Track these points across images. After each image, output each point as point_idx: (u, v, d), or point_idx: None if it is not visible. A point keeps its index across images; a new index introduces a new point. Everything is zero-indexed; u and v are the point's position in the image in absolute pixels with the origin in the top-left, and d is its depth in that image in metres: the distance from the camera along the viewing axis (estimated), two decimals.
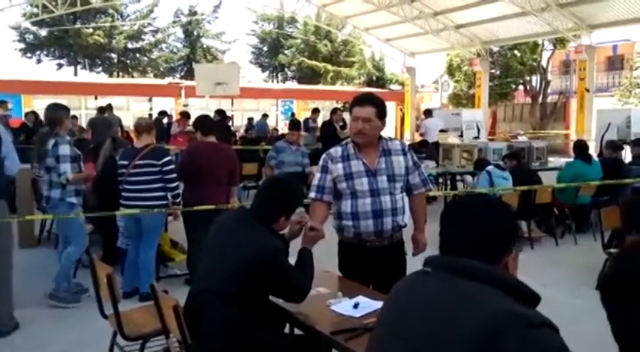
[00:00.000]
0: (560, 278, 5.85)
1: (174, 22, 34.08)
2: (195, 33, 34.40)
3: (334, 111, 11.80)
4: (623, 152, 9.04)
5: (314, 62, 32.58)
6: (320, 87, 28.98)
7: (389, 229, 3.14)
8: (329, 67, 32.46)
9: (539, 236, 7.50)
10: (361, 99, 3.16)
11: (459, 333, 1.26)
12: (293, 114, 20.68)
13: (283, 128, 17.23)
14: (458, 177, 10.41)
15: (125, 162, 4.85)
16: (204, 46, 34.99)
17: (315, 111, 15.59)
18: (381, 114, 3.15)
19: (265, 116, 18.94)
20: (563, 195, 7.68)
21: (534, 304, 1.38)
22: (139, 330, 2.98)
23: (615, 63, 27.71)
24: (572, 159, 8.30)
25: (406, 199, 3.34)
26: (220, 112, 11.86)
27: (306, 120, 14.64)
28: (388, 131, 24.90)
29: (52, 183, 4.59)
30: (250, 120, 18.77)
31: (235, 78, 16.92)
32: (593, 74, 18.14)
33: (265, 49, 36.22)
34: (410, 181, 3.28)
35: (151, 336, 2.93)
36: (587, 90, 17.38)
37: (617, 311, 1.27)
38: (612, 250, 5.53)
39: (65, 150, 4.51)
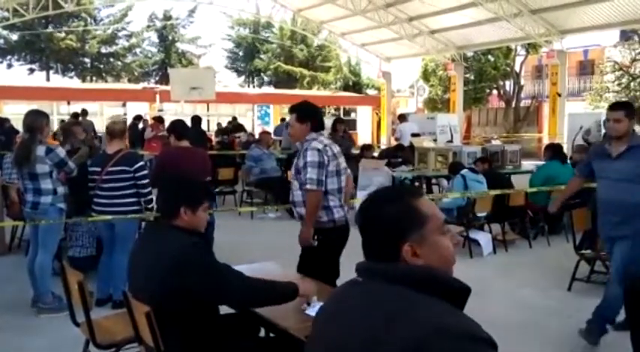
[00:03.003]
0: (533, 279, 5.93)
1: (148, 26, 33.80)
2: (170, 37, 34.16)
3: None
4: None
5: (290, 67, 32.61)
6: (296, 91, 28.97)
7: (297, 217, 3.92)
8: (305, 71, 32.51)
9: (513, 238, 7.60)
10: (289, 108, 3.90)
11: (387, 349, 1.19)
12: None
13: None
14: (433, 181, 10.51)
15: (97, 169, 4.79)
16: (179, 50, 34.77)
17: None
18: (301, 118, 3.73)
19: (283, 120, 17.61)
20: (536, 198, 7.79)
21: (464, 297, 1.33)
22: (111, 338, 2.93)
23: (586, 67, 28.30)
24: (543, 162, 8.42)
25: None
26: (195, 119, 11.78)
27: (283, 120, 14.43)
28: (365, 136, 25.03)
29: (40, 189, 4.54)
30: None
31: (211, 82, 16.85)
32: (564, 79, 18.47)
33: (241, 53, 36.14)
34: (301, 179, 3.74)
35: (123, 344, 2.89)
36: (559, 95, 17.69)
37: None
38: (584, 251, 5.63)
39: (62, 152, 4.66)
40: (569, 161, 8.69)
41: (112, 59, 32.72)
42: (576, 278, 5.52)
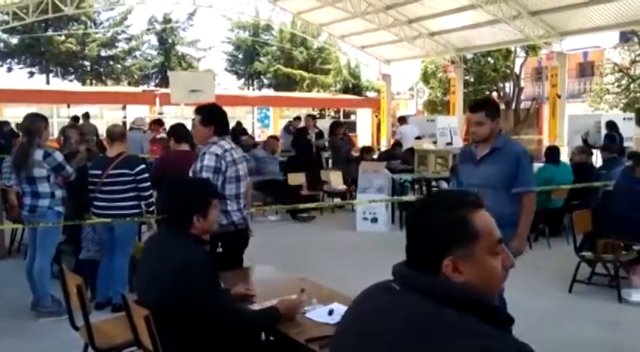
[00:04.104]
0: (534, 281, 5.90)
1: (148, 29, 33.82)
2: (170, 40, 34.17)
3: (308, 117, 11.81)
4: (593, 156, 9.21)
5: (290, 69, 32.61)
6: (296, 94, 28.99)
7: None
8: (305, 74, 32.52)
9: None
10: (195, 109, 3.97)
11: None
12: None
13: (260, 136, 17.16)
14: (433, 183, 10.50)
15: (97, 172, 4.79)
16: (179, 53, 34.78)
17: (297, 118, 15.56)
18: (205, 121, 3.80)
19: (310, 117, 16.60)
20: (537, 200, 7.77)
21: (506, 326, 1.26)
22: (110, 341, 2.92)
23: (586, 69, 28.32)
24: (542, 165, 8.43)
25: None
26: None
27: (287, 127, 14.44)
28: (365, 138, 25.02)
29: (38, 192, 4.55)
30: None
31: (210, 85, 16.83)
32: (564, 80, 18.46)
33: (241, 56, 36.15)
34: None
35: (122, 347, 2.88)
36: (559, 97, 17.68)
37: None
38: (584, 253, 5.62)
39: (60, 156, 4.65)
40: (568, 163, 8.70)
41: (111, 62, 32.72)
42: (577, 280, 5.51)
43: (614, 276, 5.37)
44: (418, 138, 13.09)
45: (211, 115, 3.84)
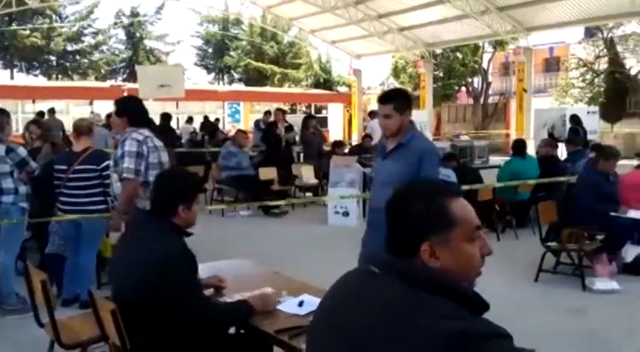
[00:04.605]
0: (501, 271, 6.00)
1: (115, 23, 33.28)
2: (138, 34, 33.68)
3: (275, 112, 11.74)
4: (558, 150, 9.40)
5: (260, 64, 32.47)
6: (267, 89, 28.88)
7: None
8: (276, 68, 32.41)
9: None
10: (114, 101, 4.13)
11: None
12: None
13: (230, 130, 17.05)
14: None
15: (63, 167, 4.70)
16: (147, 47, 34.33)
17: (268, 113, 15.51)
18: (119, 112, 3.93)
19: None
20: (504, 192, 7.92)
21: (482, 311, 1.28)
22: (76, 337, 2.88)
23: (552, 64, 28.86)
24: (509, 158, 8.59)
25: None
26: (164, 116, 11.66)
27: (258, 122, 14.43)
28: (336, 133, 25.07)
29: (1, 189, 4.47)
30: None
31: (180, 80, 16.61)
32: (531, 75, 18.79)
33: (210, 50, 35.85)
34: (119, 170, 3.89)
35: (89, 343, 2.84)
36: (525, 91, 17.99)
37: None
38: (550, 244, 5.75)
39: (23, 151, 4.59)
40: (535, 156, 8.87)
41: (78, 57, 32.12)
42: (543, 270, 5.63)
43: (578, 265, 5.50)
44: None
45: (124, 107, 3.90)
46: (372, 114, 14.68)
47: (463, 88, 28.48)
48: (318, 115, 25.28)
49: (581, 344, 4.14)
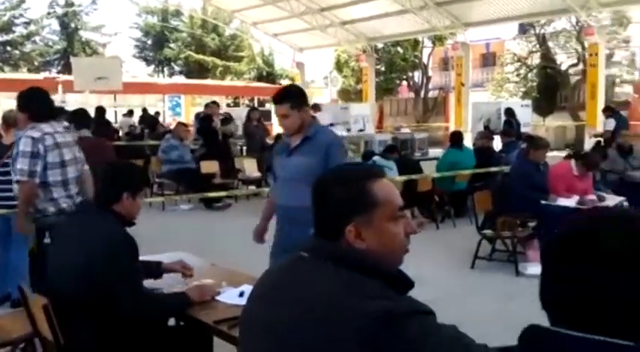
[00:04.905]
0: (440, 259, 6.20)
1: (48, 13, 32.00)
2: (73, 25, 32.50)
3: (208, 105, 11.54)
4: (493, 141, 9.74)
5: (201, 56, 31.94)
6: (209, 81, 28.45)
7: None
8: (217, 61, 31.98)
9: (421, 221, 7.90)
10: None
11: (337, 337, 1.17)
12: None
13: (171, 124, 16.73)
14: None
15: None
16: (83, 39, 33.18)
17: (208, 105, 15.27)
18: (20, 107, 3.72)
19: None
20: (442, 183, 8.15)
21: (405, 287, 1.31)
22: (6, 336, 2.77)
23: (488, 59, 29.70)
24: (448, 149, 8.83)
25: None
26: (99, 110, 11.31)
27: (198, 115, 14.18)
28: (279, 126, 24.97)
29: None
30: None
31: (117, 72, 16.19)
32: (468, 70, 19.29)
33: (150, 42, 35.02)
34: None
35: (20, 341, 2.74)
36: (463, 85, 18.47)
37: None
38: (485, 232, 5.96)
39: None
40: (472, 147, 9.15)
41: (9, 48, 30.67)
42: (479, 257, 5.83)
43: (512, 252, 5.73)
44: (332, 125, 13.25)
45: (24, 101, 3.71)
46: (316, 108, 14.71)
47: (404, 82, 28.94)
48: (262, 109, 25.15)
49: (513, 326, 4.28)
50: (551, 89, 22.41)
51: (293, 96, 3.21)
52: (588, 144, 13.03)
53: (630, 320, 0.90)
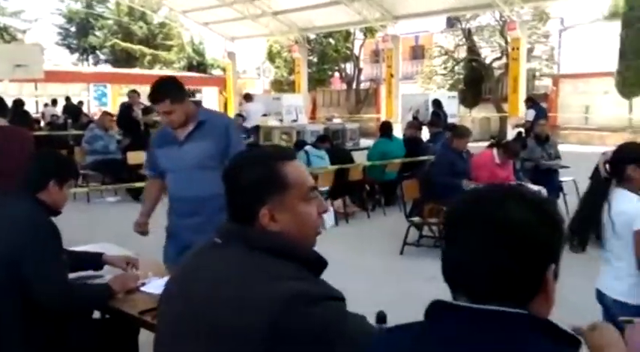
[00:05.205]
0: (371, 246, 6.33)
1: None
2: None
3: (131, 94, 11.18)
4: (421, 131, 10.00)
5: (129, 44, 30.91)
6: (136, 71, 27.59)
7: None
8: (145, 50, 31.03)
9: (353, 210, 8.02)
10: None
11: (247, 320, 1.18)
12: None
13: (96, 113, 16.12)
14: None
15: None
16: (1, 24, 31.31)
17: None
18: None
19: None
20: (373, 172, 8.30)
21: (319, 267, 1.34)
22: None
23: (417, 52, 30.41)
24: (378, 139, 8.99)
25: None
26: (17, 102, 10.79)
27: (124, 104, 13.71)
28: None
29: None
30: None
31: (38, 60, 15.41)
32: (398, 62, 19.67)
33: (73, 29, 33.55)
34: None
35: None
36: (392, 76, 18.81)
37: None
38: (413, 219, 6.13)
39: None
40: (401, 137, 9.37)
41: None
42: (407, 243, 5.99)
43: (438, 237, 5.92)
44: (264, 115, 13.21)
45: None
46: (248, 98, 14.62)
47: (337, 74, 29.16)
48: (192, 99, 24.62)
49: None
50: (476, 82, 23.21)
51: (171, 91, 2.99)
52: (511, 134, 13.61)
53: (516, 287, 0.95)
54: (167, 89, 3.00)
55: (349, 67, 28.56)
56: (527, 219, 0.95)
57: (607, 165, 2.66)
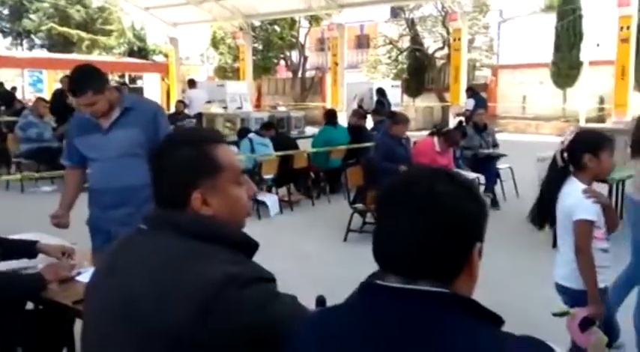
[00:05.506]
0: (315, 234, 6.38)
1: None
2: None
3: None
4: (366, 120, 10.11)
5: (66, 29, 29.66)
6: (74, 56, 26.55)
7: None
8: (83, 34, 29.86)
9: (298, 198, 8.04)
10: None
11: (177, 305, 1.16)
12: None
13: (30, 100, 15.45)
14: None
15: None
16: None
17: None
18: None
19: None
20: (317, 160, 8.33)
21: (251, 249, 1.34)
22: None
23: (363, 41, 30.63)
24: (322, 127, 9.03)
25: None
26: None
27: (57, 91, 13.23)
28: None
29: None
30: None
31: None
32: (343, 51, 19.73)
33: (6, 12, 31.89)
34: None
35: None
36: (337, 65, 18.88)
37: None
38: (356, 206, 6.20)
39: None
40: (346, 125, 9.44)
41: None
42: (351, 230, 6.07)
43: None
44: (208, 102, 13.01)
45: None
46: (191, 84, 14.38)
47: (282, 62, 29.01)
48: (133, 86, 24.00)
49: None
50: (419, 71, 23.61)
51: (92, 82, 2.82)
52: (453, 123, 13.95)
53: (444, 264, 0.97)
54: (87, 80, 2.83)
55: (295, 55, 28.46)
56: (456, 195, 0.98)
57: (564, 154, 2.65)
